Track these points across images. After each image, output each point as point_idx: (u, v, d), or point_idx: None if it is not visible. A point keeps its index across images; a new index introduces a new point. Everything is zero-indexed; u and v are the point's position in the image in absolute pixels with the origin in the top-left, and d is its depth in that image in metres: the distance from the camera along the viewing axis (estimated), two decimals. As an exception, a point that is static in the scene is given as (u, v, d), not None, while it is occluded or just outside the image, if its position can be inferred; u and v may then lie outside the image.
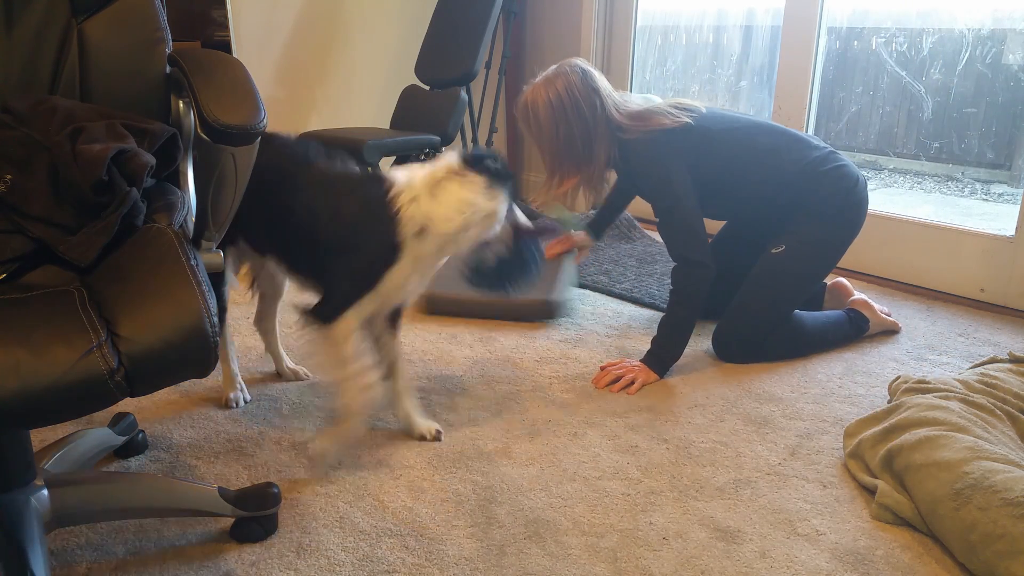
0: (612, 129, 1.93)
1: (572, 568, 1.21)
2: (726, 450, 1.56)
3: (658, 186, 1.92)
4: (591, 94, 1.91)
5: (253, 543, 1.26)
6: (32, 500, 1.10)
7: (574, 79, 1.90)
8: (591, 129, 1.91)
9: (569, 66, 1.93)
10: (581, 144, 1.91)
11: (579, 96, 1.89)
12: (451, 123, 2.70)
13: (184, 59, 1.14)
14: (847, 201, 1.95)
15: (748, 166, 1.96)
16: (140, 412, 1.68)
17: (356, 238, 1.43)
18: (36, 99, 1.16)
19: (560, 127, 1.90)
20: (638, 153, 1.93)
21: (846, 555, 1.24)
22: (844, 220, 1.97)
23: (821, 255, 1.98)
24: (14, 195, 1.04)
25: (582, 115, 1.89)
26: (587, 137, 1.91)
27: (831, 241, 1.98)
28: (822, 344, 2.04)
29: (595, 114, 1.90)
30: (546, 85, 1.91)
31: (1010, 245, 2.30)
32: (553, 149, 1.94)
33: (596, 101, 1.91)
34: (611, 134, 1.93)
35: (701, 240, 1.90)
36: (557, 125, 1.90)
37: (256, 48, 2.79)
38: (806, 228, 1.95)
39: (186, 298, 0.93)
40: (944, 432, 1.37)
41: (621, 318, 2.28)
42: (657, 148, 1.92)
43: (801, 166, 1.94)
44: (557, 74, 1.92)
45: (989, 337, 2.15)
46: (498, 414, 1.70)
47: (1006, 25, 2.60)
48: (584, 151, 1.92)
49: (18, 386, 0.82)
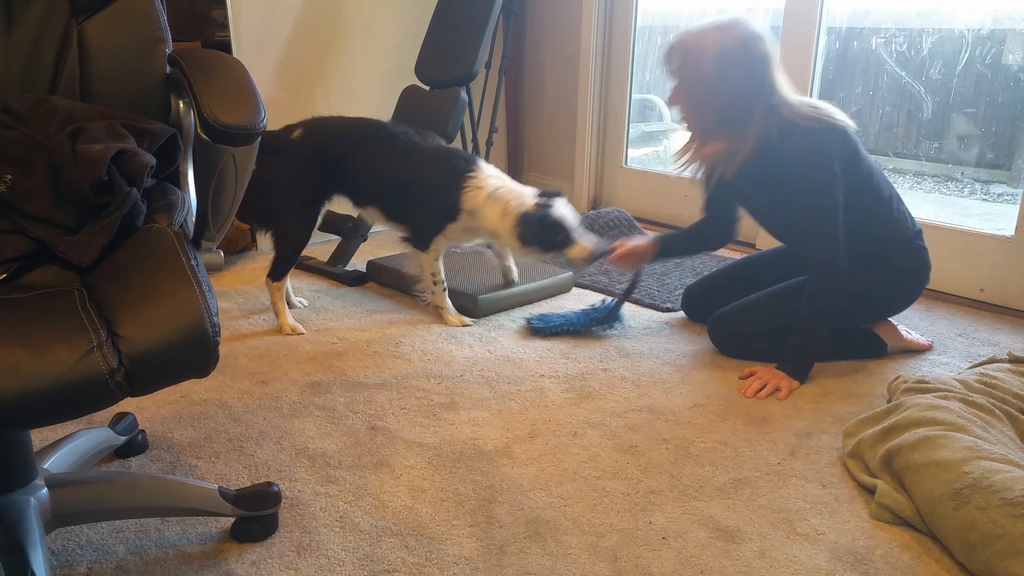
0: (776, 104, 1.76)
1: (572, 568, 1.21)
2: (726, 450, 1.56)
3: (818, 181, 1.76)
4: (764, 58, 1.75)
5: (253, 543, 1.27)
6: (32, 500, 1.10)
7: (749, 35, 1.74)
8: (756, 93, 1.75)
9: (744, 21, 1.75)
10: (741, 106, 1.75)
11: (753, 55, 1.73)
12: (451, 123, 2.69)
13: (184, 59, 1.14)
14: (911, 284, 1.93)
15: (864, 202, 1.84)
16: (140, 412, 1.68)
17: (436, 196, 2.09)
18: (36, 99, 1.16)
19: (725, 81, 1.73)
20: (799, 140, 1.75)
21: (845, 554, 1.24)
22: (896, 297, 1.96)
23: (857, 311, 1.93)
24: (14, 195, 1.05)
25: (751, 75, 1.74)
26: (749, 101, 1.75)
27: (874, 306, 1.95)
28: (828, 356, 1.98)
29: (763, 81, 1.75)
30: (719, 32, 1.74)
31: (1010, 245, 2.30)
32: (709, 104, 1.78)
33: (766, 69, 1.75)
34: (773, 109, 1.76)
35: (845, 251, 1.78)
36: (723, 77, 1.73)
37: (256, 48, 2.79)
38: (864, 282, 1.86)
39: (186, 298, 0.93)
40: (943, 432, 1.37)
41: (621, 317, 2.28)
42: (823, 139, 1.77)
43: (902, 229, 1.89)
44: (733, 24, 1.74)
45: (988, 337, 2.15)
46: (498, 414, 1.70)
47: (1006, 25, 2.60)
48: (742, 115, 1.76)
49: (18, 386, 0.82)
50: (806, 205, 1.80)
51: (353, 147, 2.13)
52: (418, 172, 2.10)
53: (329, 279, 2.62)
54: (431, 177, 2.09)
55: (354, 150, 2.13)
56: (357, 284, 2.57)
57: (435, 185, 2.09)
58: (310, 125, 2.16)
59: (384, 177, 2.12)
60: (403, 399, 1.76)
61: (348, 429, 1.62)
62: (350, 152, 2.12)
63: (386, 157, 2.11)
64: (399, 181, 2.11)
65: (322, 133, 2.15)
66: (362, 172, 2.13)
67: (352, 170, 2.13)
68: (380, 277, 2.56)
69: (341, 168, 2.13)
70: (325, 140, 2.14)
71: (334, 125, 2.20)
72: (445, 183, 2.08)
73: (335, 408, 1.71)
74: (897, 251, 1.91)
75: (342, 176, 2.14)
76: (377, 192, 2.16)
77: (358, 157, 2.12)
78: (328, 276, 2.64)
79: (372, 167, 2.12)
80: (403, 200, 2.14)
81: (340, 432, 1.61)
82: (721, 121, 1.80)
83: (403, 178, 2.10)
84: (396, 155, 2.11)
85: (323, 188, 2.16)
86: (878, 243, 1.90)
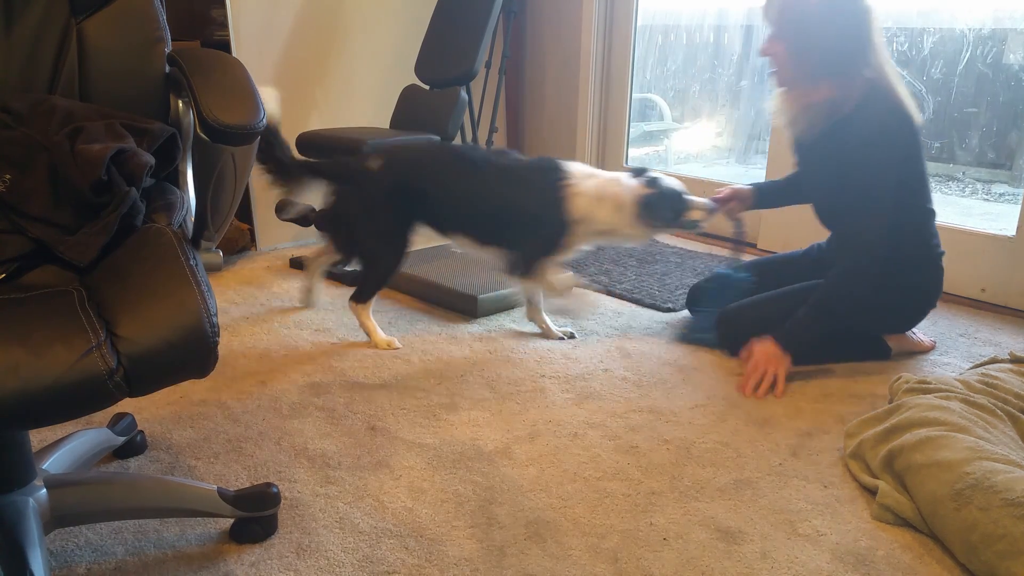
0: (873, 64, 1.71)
1: (573, 569, 1.21)
2: (727, 450, 1.56)
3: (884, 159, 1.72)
4: (867, 11, 1.71)
5: (253, 543, 1.26)
6: (32, 500, 1.10)
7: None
8: (862, 43, 1.70)
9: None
10: (849, 52, 1.70)
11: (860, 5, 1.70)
12: (451, 123, 2.69)
13: (183, 59, 1.14)
14: (924, 303, 1.93)
15: (908, 201, 1.81)
16: (140, 412, 1.68)
17: (538, 216, 1.99)
18: (35, 99, 1.16)
19: (835, 22, 1.68)
20: (877, 113, 1.71)
21: (847, 555, 1.24)
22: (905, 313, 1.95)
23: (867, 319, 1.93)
24: (14, 195, 1.04)
25: (858, 23, 1.69)
26: (856, 49, 1.70)
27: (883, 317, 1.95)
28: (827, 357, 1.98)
29: (868, 36, 1.70)
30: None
31: (1011, 245, 2.30)
32: (817, 46, 1.72)
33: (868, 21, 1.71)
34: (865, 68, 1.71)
35: (887, 237, 1.74)
36: (834, 18, 1.69)
37: (256, 48, 2.79)
38: (883, 291, 1.85)
39: (185, 298, 0.93)
40: (945, 432, 1.37)
41: (621, 318, 2.28)
42: (896, 119, 1.73)
43: (932, 244, 1.88)
44: None
45: (990, 337, 2.15)
46: (498, 414, 1.69)
47: (1007, 25, 2.59)
48: (851, 60, 1.70)
49: (17, 386, 0.81)
50: (865, 180, 1.75)
51: (434, 175, 2.05)
52: (509, 193, 2.00)
53: (329, 279, 2.62)
54: (525, 196, 1.99)
55: (435, 178, 2.04)
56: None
57: (533, 204, 1.99)
58: (389, 154, 2.09)
59: (471, 203, 2.02)
60: (403, 399, 1.75)
61: (348, 430, 1.62)
62: (431, 180, 2.04)
63: (469, 182, 2.02)
64: (489, 205, 2.01)
65: (402, 161, 2.08)
66: (446, 199, 2.04)
67: (435, 198, 2.04)
68: (380, 277, 2.56)
69: (424, 197, 2.04)
70: (405, 169, 2.06)
71: (412, 152, 2.14)
72: (544, 200, 1.98)
73: (335, 408, 1.71)
74: (921, 266, 1.89)
75: (425, 205, 2.06)
76: (464, 219, 2.06)
77: (440, 185, 2.03)
78: (328, 276, 2.64)
79: (456, 194, 2.03)
80: (496, 225, 2.04)
81: (340, 433, 1.61)
82: (831, 65, 1.73)
83: (493, 201, 2.01)
84: (479, 179, 2.02)
85: (408, 217, 2.07)
86: (908, 249, 1.87)
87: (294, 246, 3.02)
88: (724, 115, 3.96)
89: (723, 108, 3.93)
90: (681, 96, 3.95)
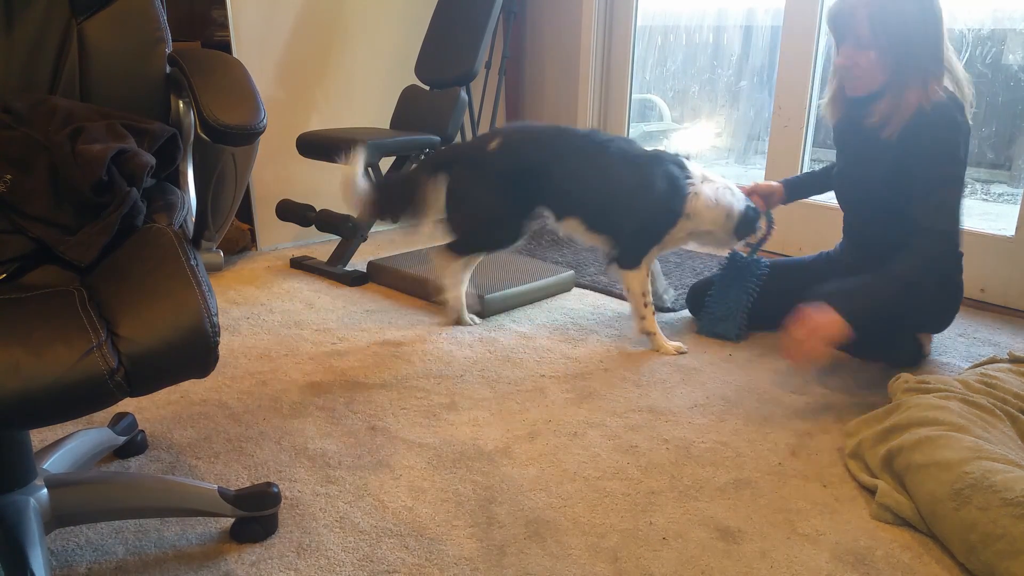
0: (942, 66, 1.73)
1: (573, 568, 1.21)
2: (726, 450, 1.56)
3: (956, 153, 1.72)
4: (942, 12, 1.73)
5: (253, 543, 1.26)
6: (32, 500, 1.10)
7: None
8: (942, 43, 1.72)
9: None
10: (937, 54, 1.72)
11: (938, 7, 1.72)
12: (451, 123, 2.70)
13: (184, 59, 1.14)
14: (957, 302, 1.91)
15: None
16: (140, 412, 1.68)
17: (657, 203, 2.01)
18: (36, 99, 1.16)
19: (926, 26, 1.70)
20: (946, 112, 1.72)
21: (846, 555, 1.24)
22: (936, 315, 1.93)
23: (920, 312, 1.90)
24: (14, 195, 1.04)
25: (937, 24, 1.72)
26: (940, 51, 1.72)
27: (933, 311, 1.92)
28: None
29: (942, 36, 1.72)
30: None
31: (1010, 245, 2.30)
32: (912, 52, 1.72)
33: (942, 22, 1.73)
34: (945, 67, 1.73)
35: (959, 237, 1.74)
36: (926, 23, 1.70)
37: (256, 48, 2.79)
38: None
39: (186, 298, 0.93)
40: (944, 432, 1.37)
41: (621, 318, 2.29)
42: (963, 117, 1.74)
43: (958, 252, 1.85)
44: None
45: (989, 337, 2.15)
46: (498, 414, 1.70)
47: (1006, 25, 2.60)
48: (939, 62, 1.72)
49: (18, 386, 0.81)
50: (938, 173, 1.72)
51: (556, 155, 2.03)
52: (634, 180, 2.00)
53: (329, 279, 2.62)
54: (651, 186, 2.00)
55: (557, 158, 2.03)
56: (357, 284, 2.57)
57: (658, 192, 2.00)
58: (507, 135, 2.08)
59: (593, 186, 2.02)
60: (403, 399, 1.76)
61: (348, 429, 1.62)
62: (553, 161, 2.03)
63: (595, 165, 2.02)
64: (610, 189, 2.01)
65: (521, 142, 2.06)
66: (567, 181, 2.03)
67: (555, 179, 2.03)
68: (380, 277, 2.56)
69: (543, 178, 2.03)
70: (525, 149, 2.05)
71: (532, 133, 2.10)
72: (669, 190, 2.01)
73: (335, 408, 1.71)
74: (959, 265, 1.88)
75: (544, 186, 2.05)
76: (582, 202, 2.05)
77: (562, 165, 2.03)
78: (328, 276, 2.64)
79: (579, 176, 2.02)
80: (611, 209, 2.03)
81: (340, 432, 1.61)
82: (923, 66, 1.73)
83: (616, 186, 2.01)
84: (607, 162, 2.02)
85: (526, 199, 2.07)
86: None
87: (294, 246, 3.03)
88: (723, 115, 3.97)
89: (722, 108, 3.94)
90: (681, 96, 3.96)
